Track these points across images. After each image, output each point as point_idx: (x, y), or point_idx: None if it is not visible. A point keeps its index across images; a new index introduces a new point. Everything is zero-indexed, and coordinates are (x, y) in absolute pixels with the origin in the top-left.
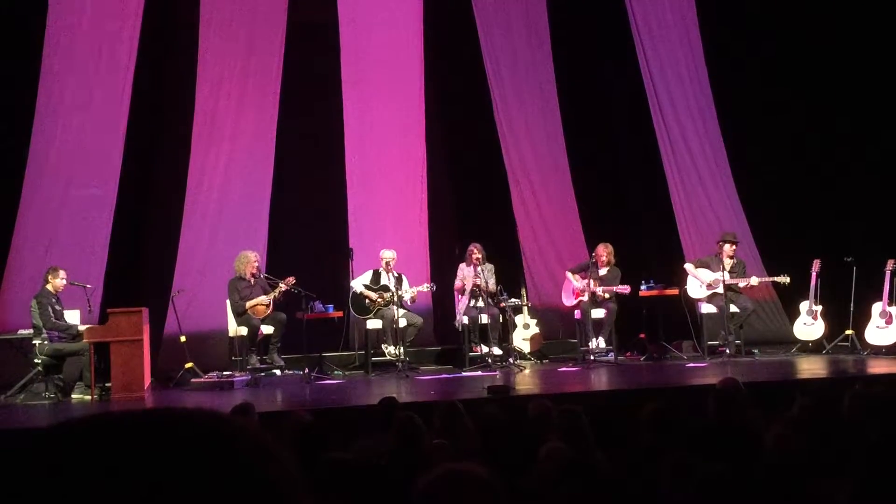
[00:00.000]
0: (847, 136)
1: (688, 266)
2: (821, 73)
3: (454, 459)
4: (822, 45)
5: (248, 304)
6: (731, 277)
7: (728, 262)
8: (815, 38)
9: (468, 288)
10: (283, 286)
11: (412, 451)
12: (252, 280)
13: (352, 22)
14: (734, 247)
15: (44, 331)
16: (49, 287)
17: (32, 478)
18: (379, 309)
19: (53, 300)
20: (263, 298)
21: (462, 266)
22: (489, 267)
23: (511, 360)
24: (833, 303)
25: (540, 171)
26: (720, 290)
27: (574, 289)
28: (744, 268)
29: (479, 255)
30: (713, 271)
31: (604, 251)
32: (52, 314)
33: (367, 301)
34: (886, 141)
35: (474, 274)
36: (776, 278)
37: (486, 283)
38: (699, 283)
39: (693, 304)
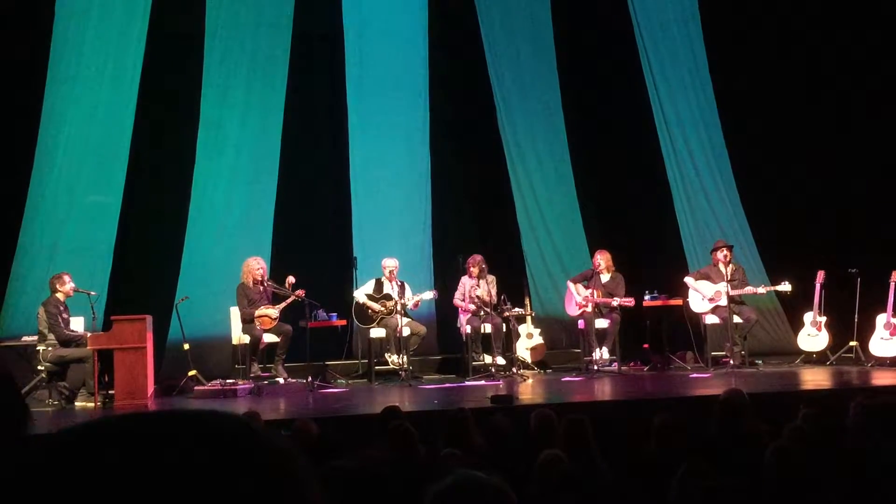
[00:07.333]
0: (852, 147)
1: (688, 280)
2: (825, 83)
3: (462, 467)
4: (828, 53)
5: (258, 312)
6: (732, 287)
7: (726, 270)
8: (820, 47)
9: (468, 300)
10: (292, 297)
11: (407, 460)
12: (261, 287)
13: (357, 31)
14: (727, 253)
15: (48, 337)
16: (59, 295)
17: (51, 482)
18: (382, 318)
19: (61, 308)
20: (273, 311)
21: (464, 279)
22: (491, 279)
23: (514, 369)
24: (837, 314)
25: (544, 180)
26: (723, 302)
27: (576, 301)
28: (744, 273)
29: (481, 267)
30: (714, 282)
31: (602, 259)
32: (61, 323)
33: (369, 310)
34: (892, 152)
35: (476, 286)
36: (777, 287)
37: (490, 294)
38: (701, 296)
39: (696, 316)
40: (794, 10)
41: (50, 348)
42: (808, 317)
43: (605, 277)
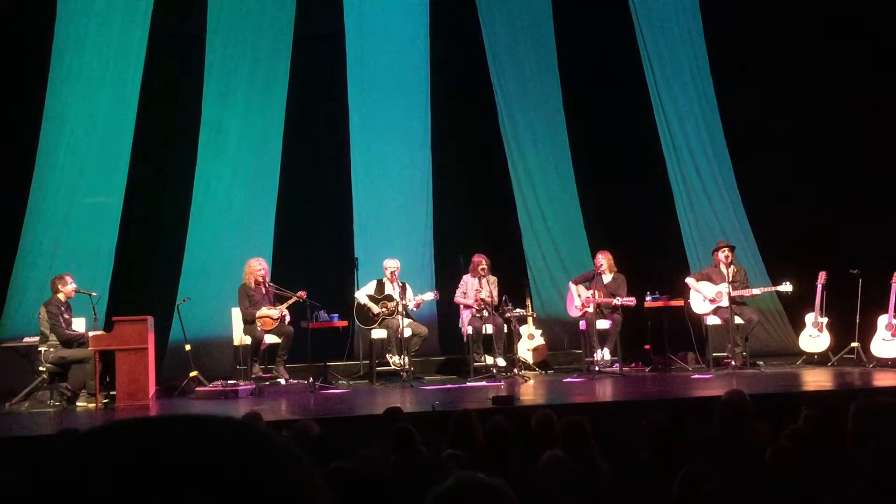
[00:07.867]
0: (853, 148)
1: (689, 280)
2: (826, 82)
3: (463, 468)
4: (829, 52)
5: (259, 313)
6: (734, 288)
7: (728, 271)
8: (821, 46)
9: (471, 300)
10: (294, 298)
11: (408, 461)
12: (263, 289)
13: (358, 32)
14: (728, 254)
15: (50, 338)
16: (60, 295)
17: (56, 485)
18: (383, 319)
19: (63, 308)
20: (274, 312)
21: (466, 278)
22: (492, 279)
23: (515, 370)
24: (839, 315)
25: (545, 181)
26: (724, 303)
27: (576, 305)
28: (745, 274)
29: (485, 266)
30: (715, 282)
31: (604, 259)
32: (62, 323)
33: (371, 311)
34: (894, 151)
35: (479, 286)
36: (779, 287)
37: (492, 294)
38: (702, 297)
39: (697, 317)
40: (794, 10)
41: (51, 349)
42: (809, 318)
43: (606, 278)
